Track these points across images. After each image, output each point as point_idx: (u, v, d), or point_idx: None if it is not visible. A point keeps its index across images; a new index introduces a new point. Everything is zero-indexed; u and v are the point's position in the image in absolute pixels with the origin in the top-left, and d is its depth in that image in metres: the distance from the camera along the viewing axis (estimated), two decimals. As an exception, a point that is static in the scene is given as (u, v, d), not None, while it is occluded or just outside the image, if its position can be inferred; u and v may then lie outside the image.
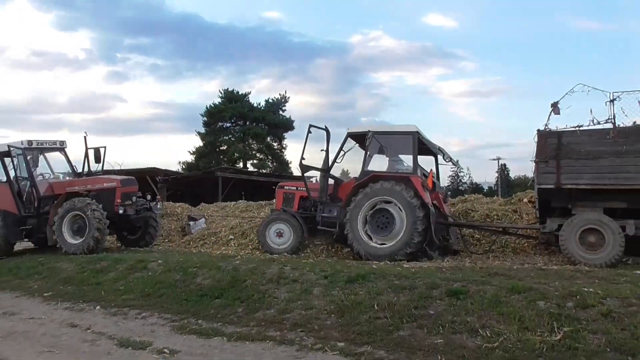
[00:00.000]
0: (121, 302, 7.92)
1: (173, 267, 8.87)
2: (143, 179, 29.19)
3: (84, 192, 12.00)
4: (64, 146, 13.31)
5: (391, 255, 9.69)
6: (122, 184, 12.23)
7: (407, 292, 6.60)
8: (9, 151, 12.17)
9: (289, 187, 12.07)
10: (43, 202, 12.38)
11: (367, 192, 10.19)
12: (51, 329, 6.90)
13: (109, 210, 11.70)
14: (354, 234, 10.19)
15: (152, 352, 5.71)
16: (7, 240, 12.24)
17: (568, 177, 8.92)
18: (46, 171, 13.36)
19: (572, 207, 9.23)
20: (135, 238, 13.07)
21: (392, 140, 11.19)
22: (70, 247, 11.52)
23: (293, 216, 11.22)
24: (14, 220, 12.14)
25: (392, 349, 5.43)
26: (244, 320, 6.70)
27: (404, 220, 9.82)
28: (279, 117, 48.43)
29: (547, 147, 9.11)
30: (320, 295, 6.96)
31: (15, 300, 8.86)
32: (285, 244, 11.11)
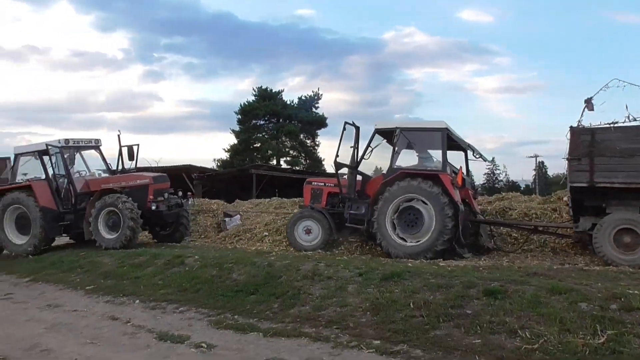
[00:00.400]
0: (159, 297, 8.09)
1: (209, 263, 9.00)
2: (179, 176, 29.77)
3: (118, 189, 12.31)
4: (99, 144, 13.70)
5: (419, 253, 9.58)
6: (155, 180, 12.53)
7: (444, 290, 6.51)
8: (47, 149, 12.57)
9: (317, 183, 12.05)
10: (80, 198, 12.78)
11: (395, 190, 10.08)
12: (93, 321, 7.11)
13: (142, 207, 12.01)
14: (381, 232, 10.11)
15: (190, 346, 5.81)
16: (46, 235, 12.62)
17: (602, 176, 8.67)
18: (83, 169, 13.79)
19: (606, 205, 8.96)
20: (167, 233, 13.32)
21: (420, 136, 11.01)
22: (106, 242, 11.86)
23: (321, 213, 11.19)
24: (53, 216, 12.53)
25: (428, 348, 5.37)
26: (279, 316, 6.74)
27: (432, 218, 9.70)
28: (312, 115, 48.52)
29: (580, 145, 8.87)
30: (355, 293, 6.94)
31: (58, 292, 9.16)
32: (314, 241, 11.13)
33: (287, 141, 48.75)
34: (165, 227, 13.31)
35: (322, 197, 11.58)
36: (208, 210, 16.14)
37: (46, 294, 9.10)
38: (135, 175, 12.88)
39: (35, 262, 11.79)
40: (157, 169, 30.03)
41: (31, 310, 8.00)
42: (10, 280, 10.63)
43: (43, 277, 10.36)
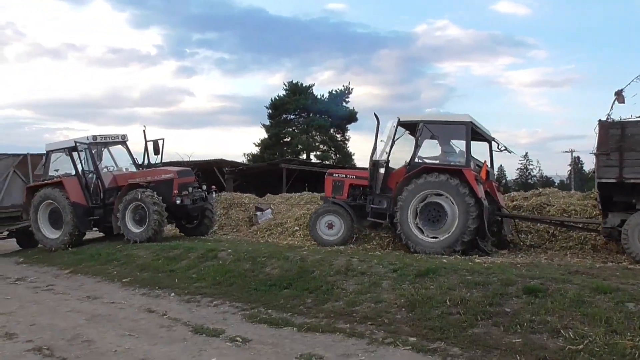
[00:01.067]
0: (194, 290, 8.18)
1: (242, 257, 9.06)
2: (210, 170, 30.14)
3: (144, 184, 12.52)
4: (125, 140, 13.99)
5: (442, 249, 9.46)
6: (179, 175, 12.72)
7: (481, 288, 6.37)
8: (75, 146, 12.95)
9: (338, 175, 11.87)
10: (108, 193, 13.09)
11: (418, 185, 9.89)
12: (130, 313, 7.23)
13: (167, 200, 12.21)
14: (403, 227, 9.95)
15: (225, 340, 5.84)
16: (77, 229, 12.95)
17: (632, 171, 8.35)
18: (110, 164, 14.09)
19: (636, 201, 8.63)
20: (193, 227, 13.53)
21: (444, 130, 10.73)
22: (133, 236, 12.12)
23: (343, 207, 11.05)
24: (83, 211, 12.88)
25: (466, 347, 5.26)
26: (313, 311, 6.72)
27: (455, 214, 9.51)
28: (342, 109, 48.33)
29: (610, 139, 8.53)
30: (389, 289, 6.87)
31: (96, 284, 9.38)
32: (336, 235, 11.02)
33: (317, 135, 48.70)
34: (191, 220, 13.49)
35: (343, 189, 11.43)
36: (239, 204, 16.24)
37: (85, 286, 9.33)
38: (161, 170, 13.11)
39: (75, 254, 12.09)
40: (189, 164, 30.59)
41: (72, 301, 8.20)
42: (52, 272, 10.95)
43: (82, 269, 10.62)
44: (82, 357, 5.37)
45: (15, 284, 9.93)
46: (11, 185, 14.48)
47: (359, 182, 11.28)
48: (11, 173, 14.69)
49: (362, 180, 11.20)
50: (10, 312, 7.51)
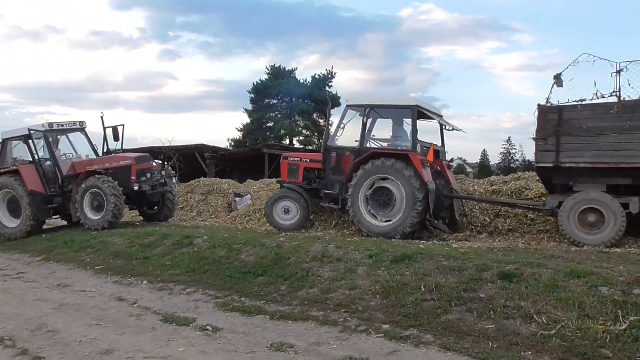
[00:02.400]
0: (167, 277, 8.02)
1: (218, 243, 8.89)
2: (192, 155, 29.82)
3: (102, 171, 12.45)
4: (83, 126, 13.79)
5: (391, 232, 9.69)
6: (137, 161, 12.67)
7: (456, 273, 6.31)
8: (30, 134, 12.76)
9: (293, 159, 11.99)
10: (66, 181, 12.94)
11: (366, 170, 10.05)
12: (100, 302, 7.05)
13: (125, 187, 12.17)
14: (354, 211, 10.14)
15: (195, 329, 5.70)
16: (36, 217, 12.81)
17: (567, 155, 8.50)
18: (69, 151, 13.89)
19: (573, 184, 8.78)
20: (154, 212, 13.56)
21: (391, 113, 10.98)
22: (91, 223, 12.06)
23: (298, 193, 11.18)
24: (42, 199, 12.72)
25: (439, 333, 5.21)
26: (287, 299, 6.61)
27: (403, 198, 9.70)
28: (326, 94, 48.03)
29: (547, 124, 8.62)
30: (364, 275, 6.77)
31: (68, 272, 9.16)
32: (292, 219, 11.17)
33: (300, 120, 48.38)
34: (152, 206, 13.53)
35: (298, 173, 11.55)
36: (219, 190, 16.03)
37: (56, 273, 9.10)
38: (119, 156, 12.99)
39: (48, 241, 11.83)
40: (169, 149, 30.18)
41: (40, 289, 7.98)
42: (23, 259, 10.69)
43: (54, 257, 10.37)
44: (45, 348, 5.19)
45: (-17, 273, 9.65)
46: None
47: (313, 166, 11.42)
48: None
49: (316, 163, 11.35)
50: (-25, 302, 7.28)
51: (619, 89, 8.24)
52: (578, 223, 8.53)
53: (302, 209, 11.12)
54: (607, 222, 8.31)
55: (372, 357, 4.73)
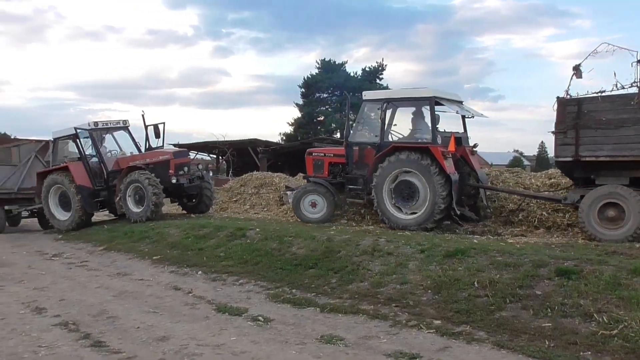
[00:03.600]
0: (221, 268, 8.22)
1: (270, 236, 9.02)
2: (245, 150, 30.35)
3: (143, 166, 13.08)
4: (127, 125, 14.63)
5: (417, 225, 9.69)
6: (175, 156, 13.36)
7: (511, 269, 6.12)
8: (76, 133, 13.63)
9: (317, 154, 12.07)
10: (112, 176, 13.66)
11: (388, 164, 10.03)
12: (157, 290, 7.32)
13: (165, 180, 12.78)
14: (380, 205, 10.17)
15: (247, 319, 5.82)
16: (84, 211, 13.58)
17: (587, 149, 8.26)
18: (114, 148, 14.65)
19: (595, 177, 8.52)
20: (193, 205, 14.09)
21: (409, 106, 10.94)
22: (134, 215, 12.74)
23: (324, 186, 11.27)
24: (89, 193, 13.51)
25: (493, 330, 5.08)
26: (337, 292, 6.63)
27: (427, 190, 9.66)
28: (376, 87, 47.62)
29: (567, 117, 8.39)
30: (415, 270, 6.69)
31: (128, 261, 9.56)
32: (319, 213, 11.29)
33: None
34: (191, 198, 14.05)
35: (323, 167, 11.63)
36: (270, 184, 16.21)
37: (117, 263, 9.53)
38: (158, 152, 13.66)
39: (109, 231, 12.37)
40: (223, 144, 30.84)
41: (102, 277, 8.37)
42: (87, 249, 11.24)
43: (115, 246, 10.85)
44: (105, 333, 5.44)
45: (51, 260, 10.24)
46: (32, 169, 15.22)
47: (337, 160, 11.48)
48: (33, 157, 15.50)
49: (340, 158, 11.39)
50: (43, 287, 7.72)
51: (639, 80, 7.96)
52: (598, 218, 8.31)
53: (329, 203, 11.22)
54: (627, 217, 8.03)
55: (423, 353, 4.66)
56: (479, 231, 9.88)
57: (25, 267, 9.49)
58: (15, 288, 7.80)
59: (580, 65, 8.57)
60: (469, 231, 9.98)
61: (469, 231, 9.98)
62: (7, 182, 15.10)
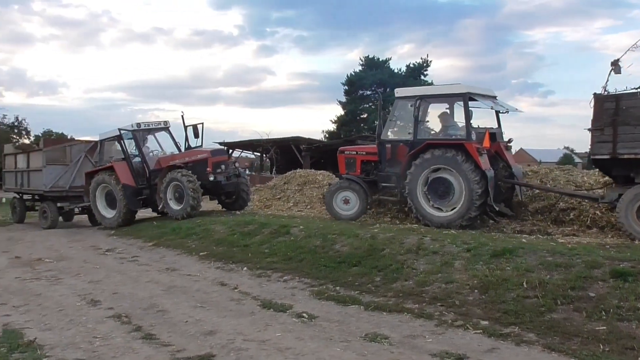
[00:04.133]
0: (265, 265, 8.33)
1: (313, 233, 9.07)
2: (288, 147, 30.59)
3: (182, 165, 13.52)
4: (167, 126, 15.23)
5: (452, 222, 9.57)
6: (213, 154, 13.71)
7: (562, 270, 5.93)
8: (120, 135, 14.30)
9: (349, 152, 12.08)
10: (153, 175, 14.18)
11: (422, 161, 9.99)
12: (204, 286, 7.49)
13: (203, 178, 13.10)
14: (414, 203, 10.16)
15: (292, 316, 5.87)
16: (129, 208, 14.16)
17: (625, 146, 8.04)
18: (156, 148, 15.31)
19: (634, 176, 8.29)
20: (231, 202, 14.45)
21: (442, 102, 10.91)
22: (174, 212, 13.19)
23: (357, 183, 11.32)
24: (132, 191, 14.07)
25: (543, 333, 4.94)
26: (381, 290, 6.60)
27: (462, 187, 9.58)
28: (421, 83, 46.99)
29: (604, 113, 8.18)
30: (462, 269, 6.58)
31: (176, 257, 9.83)
32: (352, 210, 11.36)
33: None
34: (229, 196, 14.38)
35: (356, 166, 11.66)
36: (314, 182, 16.30)
37: (166, 258, 9.81)
38: (197, 150, 14.05)
39: (158, 228, 12.74)
40: (267, 142, 31.18)
41: (152, 272, 8.64)
42: (137, 244, 11.62)
43: (164, 242, 11.17)
44: (156, 326, 5.61)
45: (104, 255, 10.64)
46: (82, 169, 16.12)
47: (370, 158, 11.48)
48: (82, 157, 16.42)
49: (372, 156, 11.39)
50: (98, 281, 8.05)
51: None
52: (636, 217, 8.13)
53: (361, 200, 11.25)
54: None
55: (470, 354, 4.58)
56: (527, 230, 9.62)
57: (81, 261, 9.91)
58: (72, 281, 8.17)
59: (619, 60, 8.38)
60: (516, 230, 9.74)
61: (516, 230, 9.74)
62: (60, 180, 16.03)
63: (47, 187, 15.85)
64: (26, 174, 17.00)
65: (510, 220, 10.38)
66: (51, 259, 10.29)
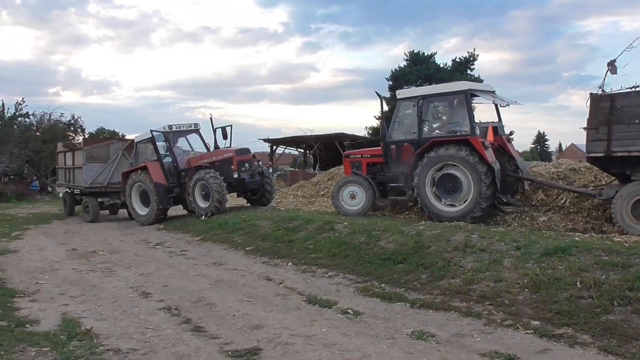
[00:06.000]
0: (310, 260, 8.37)
1: (358, 230, 9.05)
2: (332, 144, 30.64)
3: (208, 165, 14.24)
4: (198, 128, 15.95)
5: (462, 217, 9.79)
6: (238, 153, 14.37)
7: (619, 270, 5.68)
8: (152, 136, 15.06)
9: (354, 156, 12.40)
10: (183, 174, 14.90)
11: (429, 159, 10.23)
12: (250, 280, 7.60)
13: (228, 176, 13.79)
14: (423, 201, 10.38)
15: (337, 312, 5.88)
16: (161, 205, 14.85)
17: (619, 144, 8.33)
18: (187, 149, 16.21)
19: (630, 173, 8.55)
20: (256, 198, 15.06)
21: (444, 101, 11.24)
22: (201, 210, 13.81)
23: (365, 179, 11.53)
24: (164, 189, 14.86)
25: (598, 334, 4.75)
26: (428, 288, 6.51)
27: (470, 182, 9.80)
28: (467, 77, 45.98)
29: (599, 112, 8.50)
30: (511, 267, 6.40)
31: (223, 252, 10.02)
32: (358, 205, 11.56)
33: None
34: (255, 192, 14.98)
35: (361, 169, 11.94)
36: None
37: (213, 252, 10.02)
38: (222, 150, 14.81)
39: (205, 223, 13.02)
40: (310, 138, 31.33)
41: (200, 266, 8.85)
42: (185, 239, 11.92)
43: (211, 237, 11.41)
44: (204, 319, 5.74)
45: (154, 248, 10.98)
46: (120, 166, 17.27)
47: (375, 160, 11.79)
48: (120, 155, 17.48)
49: (377, 158, 11.68)
50: (148, 274, 8.31)
51: None
52: (631, 213, 8.39)
53: (367, 195, 11.43)
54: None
55: (521, 354, 4.46)
56: (580, 228, 9.29)
57: (132, 255, 10.26)
58: (125, 273, 8.46)
59: (615, 61, 8.68)
60: (569, 228, 9.42)
61: (569, 228, 9.42)
62: (99, 177, 17.08)
63: (87, 183, 16.98)
64: (71, 171, 18.22)
65: (562, 217, 10.06)
66: (105, 251, 10.71)
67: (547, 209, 10.50)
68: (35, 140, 29.89)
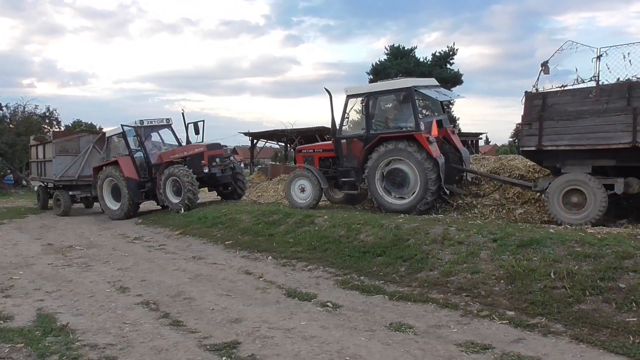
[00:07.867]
0: (290, 254, 8.39)
1: (338, 223, 9.09)
2: (313, 138, 30.58)
3: (179, 160, 14.28)
4: (170, 123, 16.00)
5: (410, 210, 10.25)
6: (209, 148, 14.41)
7: (592, 260, 5.82)
8: (124, 131, 14.96)
9: (307, 150, 12.80)
10: (155, 169, 14.93)
11: (377, 155, 10.60)
12: (229, 274, 7.59)
13: (199, 171, 13.92)
14: (374, 195, 10.80)
15: (316, 305, 5.91)
16: (132, 200, 14.85)
17: (549, 139, 8.90)
18: (159, 144, 16.18)
19: (560, 166, 9.12)
20: (228, 192, 15.19)
21: (390, 98, 11.63)
22: (173, 205, 13.95)
23: (312, 173, 11.85)
24: (135, 184, 14.88)
25: (571, 323, 4.87)
26: (406, 280, 6.59)
27: (416, 176, 10.22)
28: (446, 71, 46.28)
29: (533, 109, 9.08)
30: (487, 259, 6.51)
31: (202, 246, 9.97)
32: (307, 198, 11.93)
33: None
34: (227, 186, 15.06)
35: (314, 163, 12.30)
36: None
37: (192, 247, 9.97)
38: (193, 145, 14.89)
39: (184, 217, 12.94)
40: (291, 131, 31.27)
41: (179, 260, 8.80)
42: (165, 233, 11.84)
43: (190, 231, 11.35)
44: (183, 313, 5.72)
45: (132, 243, 10.88)
46: (90, 159, 17.16)
47: (327, 155, 12.16)
48: (91, 148, 17.32)
49: (329, 152, 12.05)
50: (126, 268, 8.23)
51: (598, 74, 8.66)
52: (562, 203, 8.91)
53: (315, 188, 11.79)
54: (588, 203, 8.63)
55: (496, 344, 4.55)
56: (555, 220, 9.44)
57: (110, 249, 10.15)
58: (102, 268, 8.37)
59: (547, 62, 9.18)
60: (544, 220, 9.59)
61: (544, 220, 9.59)
62: (69, 170, 16.91)
63: (57, 177, 16.80)
64: (42, 164, 18.02)
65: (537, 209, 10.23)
66: (82, 246, 10.57)
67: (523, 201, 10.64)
68: (8, 133, 29.18)
